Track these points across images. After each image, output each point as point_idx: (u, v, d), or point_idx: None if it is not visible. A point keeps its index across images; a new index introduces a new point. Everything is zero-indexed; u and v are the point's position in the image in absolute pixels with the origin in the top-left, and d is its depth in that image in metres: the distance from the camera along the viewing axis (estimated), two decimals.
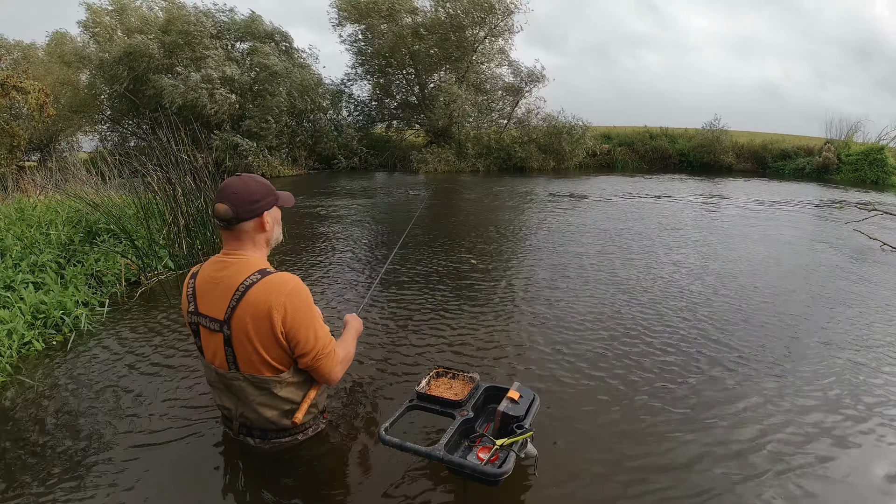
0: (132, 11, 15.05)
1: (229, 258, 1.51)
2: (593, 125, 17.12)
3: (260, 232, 1.54)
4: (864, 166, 14.32)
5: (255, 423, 1.60)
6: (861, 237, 5.80)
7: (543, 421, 1.92)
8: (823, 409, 2.12)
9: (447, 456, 1.44)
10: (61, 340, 2.67)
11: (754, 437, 1.91)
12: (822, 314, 3.31)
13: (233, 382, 1.52)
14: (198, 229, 4.10)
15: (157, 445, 1.79)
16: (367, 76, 17.36)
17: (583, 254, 4.79)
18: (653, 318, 3.13)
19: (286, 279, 1.48)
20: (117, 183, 5.36)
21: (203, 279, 1.53)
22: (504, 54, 17.04)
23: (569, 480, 1.66)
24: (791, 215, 7.65)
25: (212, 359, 1.54)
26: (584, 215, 7.18)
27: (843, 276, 4.24)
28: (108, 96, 15.64)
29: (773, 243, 5.48)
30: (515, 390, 1.68)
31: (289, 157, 14.42)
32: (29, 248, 3.48)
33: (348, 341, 1.75)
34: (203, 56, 13.93)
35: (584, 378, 2.36)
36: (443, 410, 1.67)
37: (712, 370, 2.46)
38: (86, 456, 1.73)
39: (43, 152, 14.97)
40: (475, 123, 16.59)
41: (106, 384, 2.22)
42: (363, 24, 16.18)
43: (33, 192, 5.92)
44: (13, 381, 2.24)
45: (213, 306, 1.48)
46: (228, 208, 1.46)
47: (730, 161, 16.67)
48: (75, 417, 1.97)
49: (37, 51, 15.64)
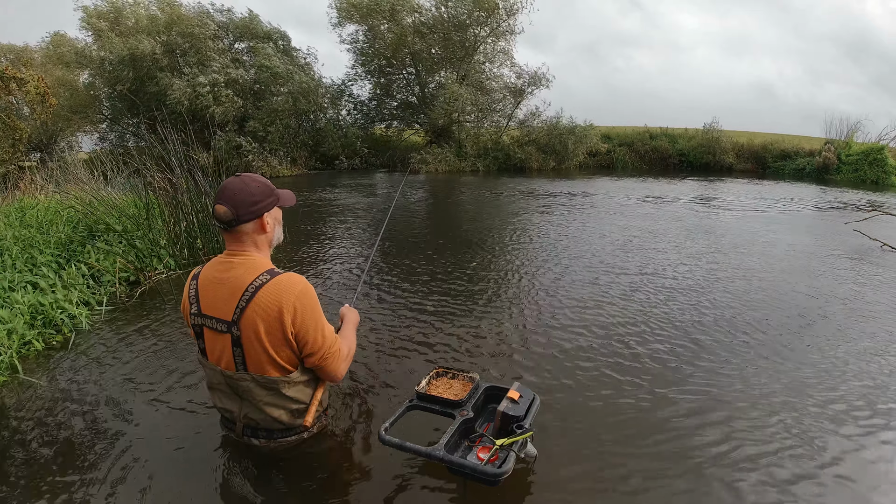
0: (130, 12, 15.04)
1: (234, 259, 1.50)
2: (595, 125, 17.12)
3: (261, 233, 1.52)
4: (865, 166, 14.32)
5: (260, 423, 1.59)
6: (861, 237, 5.80)
7: (543, 421, 1.92)
8: (824, 410, 2.12)
9: (447, 456, 1.44)
10: (61, 340, 2.68)
11: (757, 438, 1.91)
12: (822, 314, 3.30)
13: (240, 383, 1.52)
14: (198, 230, 4.10)
15: (158, 445, 1.79)
16: (367, 76, 17.36)
17: (583, 255, 4.79)
18: (654, 318, 3.13)
19: (295, 280, 1.48)
20: (118, 183, 5.36)
21: (206, 280, 1.52)
22: (506, 55, 17.04)
23: (569, 480, 1.66)
24: (791, 215, 7.65)
25: (217, 360, 1.53)
26: (585, 216, 7.18)
27: (843, 276, 4.23)
28: (107, 96, 15.65)
29: (772, 243, 5.47)
30: (515, 390, 1.68)
31: (288, 158, 14.43)
32: (28, 248, 3.48)
33: (349, 336, 1.74)
34: (208, 57, 13.96)
35: (585, 378, 2.36)
36: (443, 410, 1.67)
37: (712, 370, 2.46)
38: (86, 456, 1.73)
39: (43, 152, 14.96)
40: (476, 124, 16.59)
41: (106, 384, 2.22)
42: (364, 24, 16.18)
43: (34, 192, 5.92)
44: (13, 381, 2.24)
45: (219, 307, 1.47)
46: (228, 210, 1.44)
47: (730, 161, 16.66)
48: (75, 417, 1.97)
49: (31, 53, 15.64)
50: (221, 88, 13.47)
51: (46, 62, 15.10)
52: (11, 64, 12.88)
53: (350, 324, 1.81)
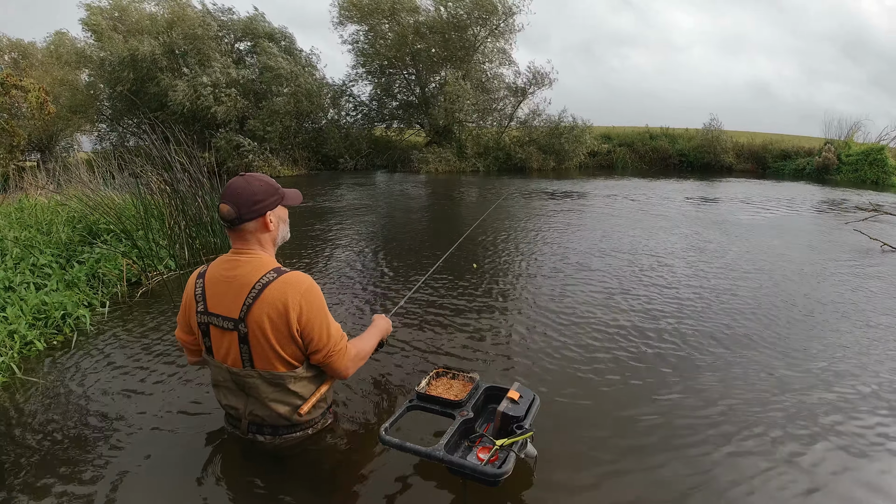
0: (134, 9, 15.03)
1: (241, 257, 1.52)
2: (593, 125, 17.12)
3: (264, 232, 1.54)
4: (865, 166, 14.32)
5: (266, 419, 1.60)
6: (861, 237, 5.80)
7: (543, 421, 1.92)
8: (824, 410, 2.12)
9: (447, 456, 1.45)
10: (62, 340, 2.68)
11: (760, 439, 1.91)
12: (821, 314, 3.30)
13: (246, 380, 1.54)
14: (197, 230, 4.11)
15: (160, 444, 1.79)
16: (367, 76, 17.37)
17: (584, 255, 4.79)
18: (654, 317, 3.13)
19: (301, 278, 1.51)
20: (118, 183, 5.36)
21: (213, 278, 1.54)
22: (505, 54, 17.06)
23: (569, 481, 1.66)
24: (791, 215, 7.65)
25: (223, 358, 1.55)
26: (585, 216, 7.18)
27: (843, 277, 4.23)
28: (107, 96, 15.65)
29: (772, 243, 5.47)
30: (515, 390, 1.68)
31: (289, 158, 14.43)
32: (29, 249, 3.49)
33: (366, 339, 1.76)
34: (210, 58, 13.96)
35: (585, 378, 2.36)
36: (443, 411, 1.67)
37: (713, 370, 2.46)
38: (88, 455, 1.73)
39: (43, 153, 14.97)
40: (476, 123, 16.60)
41: (108, 384, 2.22)
42: (365, 23, 16.18)
43: (34, 192, 5.93)
44: (14, 381, 2.25)
45: (225, 305, 1.49)
46: (231, 209, 1.47)
47: (730, 161, 16.67)
48: (77, 417, 1.97)
49: (36, 51, 15.64)
50: (223, 88, 13.47)
51: (47, 61, 15.11)
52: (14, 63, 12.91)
53: (374, 328, 1.84)
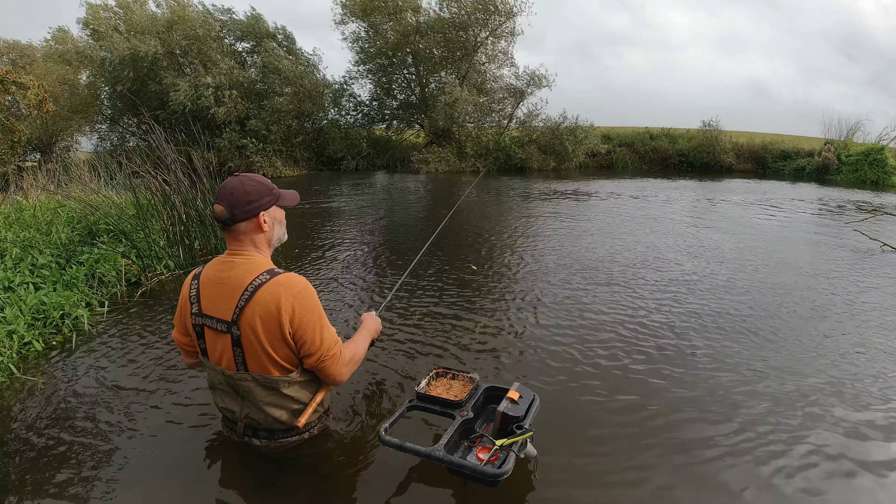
0: (136, 7, 15.03)
1: (235, 258, 1.50)
2: (595, 126, 17.14)
3: (258, 232, 1.52)
4: (864, 166, 14.33)
5: (261, 423, 1.58)
6: (861, 237, 5.80)
7: (543, 421, 1.92)
8: (824, 409, 2.12)
9: (447, 456, 1.44)
10: (61, 341, 2.68)
11: (762, 442, 1.91)
12: (821, 315, 3.30)
13: (240, 383, 1.52)
14: (197, 230, 4.10)
15: (158, 445, 1.79)
16: (368, 74, 17.38)
17: (584, 255, 4.79)
18: (655, 317, 3.13)
19: (295, 280, 1.48)
20: (117, 184, 5.36)
21: (207, 280, 1.52)
22: (506, 55, 17.09)
23: (569, 480, 1.66)
24: (791, 215, 7.64)
25: (218, 360, 1.53)
26: (585, 216, 7.18)
27: (843, 277, 4.23)
28: (107, 96, 15.65)
29: (772, 244, 5.47)
30: (515, 390, 1.68)
31: (290, 158, 14.44)
32: (29, 249, 3.48)
33: (358, 342, 1.70)
34: (211, 58, 13.97)
35: (585, 378, 2.36)
36: (442, 411, 1.67)
37: (713, 370, 2.46)
38: (86, 456, 1.73)
39: (43, 153, 14.97)
40: (476, 124, 16.61)
41: (106, 384, 2.22)
42: (367, 21, 16.20)
43: (34, 192, 5.93)
44: (13, 381, 2.24)
45: (219, 307, 1.47)
46: (224, 209, 1.45)
47: (730, 161, 16.67)
48: (76, 417, 1.97)
49: (34, 51, 15.63)
50: (224, 90, 13.48)
51: (48, 59, 15.09)
52: (13, 63, 12.91)
53: (365, 330, 1.79)
